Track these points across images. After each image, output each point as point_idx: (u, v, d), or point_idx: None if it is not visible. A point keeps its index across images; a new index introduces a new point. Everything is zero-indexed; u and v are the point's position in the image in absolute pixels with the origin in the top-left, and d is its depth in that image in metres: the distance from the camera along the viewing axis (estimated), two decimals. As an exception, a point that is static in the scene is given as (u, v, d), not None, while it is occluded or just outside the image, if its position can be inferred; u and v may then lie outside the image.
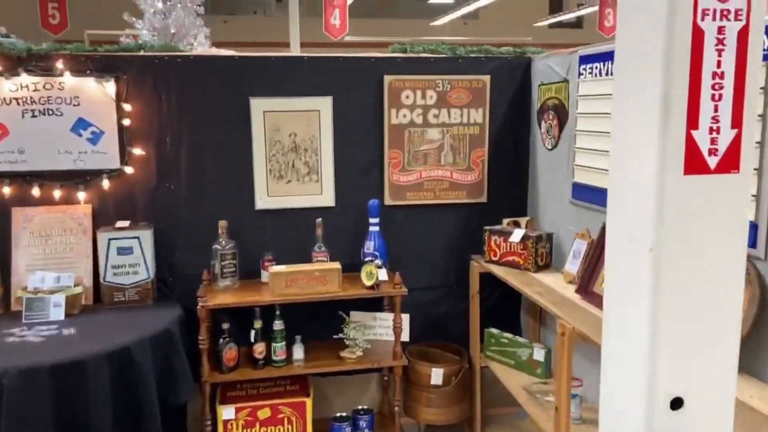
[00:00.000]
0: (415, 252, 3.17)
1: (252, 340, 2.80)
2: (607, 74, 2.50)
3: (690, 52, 0.85)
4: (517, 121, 3.21)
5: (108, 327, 2.49)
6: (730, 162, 0.89)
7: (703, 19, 0.85)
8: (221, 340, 2.75)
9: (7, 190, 2.72)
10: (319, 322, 2.99)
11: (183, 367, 2.54)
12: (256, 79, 2.92)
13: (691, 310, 0.91)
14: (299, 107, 2.97)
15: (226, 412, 2.77)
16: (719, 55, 0.87)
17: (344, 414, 3.00)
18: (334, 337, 2.99)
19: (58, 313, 2.55)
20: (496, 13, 12.01)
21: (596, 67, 2.55)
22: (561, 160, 2.89)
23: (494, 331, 3.08)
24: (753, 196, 1.69)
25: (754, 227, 1.69)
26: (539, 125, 3.10)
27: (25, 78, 2.66)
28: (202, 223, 2.93)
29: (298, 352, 2.86)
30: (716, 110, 0.88)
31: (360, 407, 3.05)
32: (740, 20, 0.86)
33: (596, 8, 6.54)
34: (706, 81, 0.87)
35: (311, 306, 2.85)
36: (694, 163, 0.88)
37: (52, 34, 2.83)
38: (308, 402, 2.87)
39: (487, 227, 3.03)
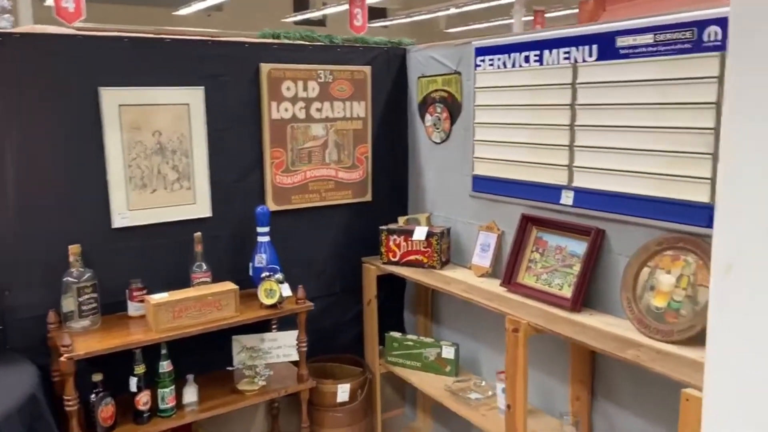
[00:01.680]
0: (302, 260, 2.88)
1: (134, 389, 2.25)
2: (505, 66, 2.49)
3: None
4: (396, 115, 3.09)
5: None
6: None
7: None
8: (93, 396, 2.17)
9: None
10: (206, 354, 2.54)
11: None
12: (107, 66, 2.35)
13: None
14: (164, 100, 2.47)
15: (107, 485, 2.20)
16: None
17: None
18: (228, 368, 2.57)
19: None
20: (240, 6, 11.94)
21: (497, 59, 2.53)
22: (454, 153, 2.83)
23: (396, 334, 2.93)
24: (707, 179, 1.79)
25: (710, 208, 1.78)
26: (422, 119, 3.01)
27: None
28: (40, 252, 2.29)
29: (191, 394, 2.39)
30: None
31: (266, 442, 2.68)
32: None
33: (346, 7, 6.63)
34: None
35: (199, 338, 2.39)
36: None
37: None
38: (208, 450, 2.42)
39: (383, 227, 2.87)
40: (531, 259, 2.40)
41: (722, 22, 1.69)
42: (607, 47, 2.04)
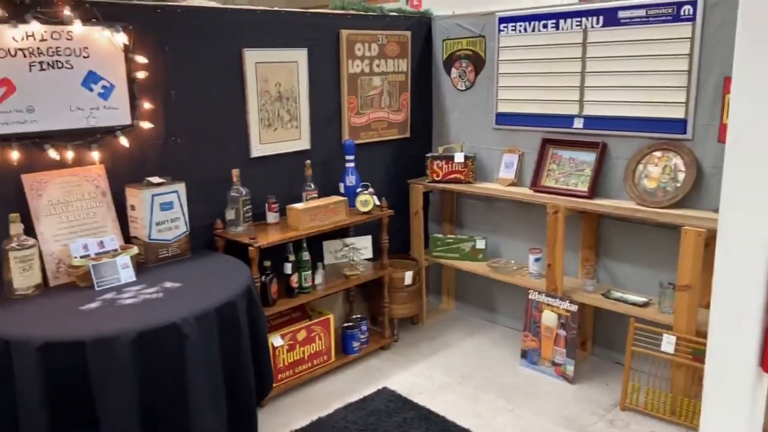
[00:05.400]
0: (366, 182, 3.73)
1: (288, 272, 3.07)
2: (525, 31, 3.47)
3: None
4: (426, 70, 3.99)
5: (195, 282, 2.49)
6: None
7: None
8: (264, 277, 2.97)
9: (15, 155, 2.41)
10: (316, 252, 3.38)
11: (262, 313, 2.62)
12: (246, 31, 3.07)
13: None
14: (282, 58, 3.22)
15: (276, 341, 3.03)
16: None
17: (349, 323, 3.48)
18: (327, 262, 3.44)
19: (128, 275, 2.47)
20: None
21: (518, 25, 3.49)
22: (478, 97, 3.79)
23: (439, 235, 3.90)
24: (683, 102, 2.89)
25: (684, 122, 2.89)
26: (448, 72, 3.94)
27: (33, 26, 2.37)
28: (206, 174, 3.01)
29: (320, 277, 3.24)
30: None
31: (355, 315, 3.57)
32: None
33: None
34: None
35: (318, 237, 3.23)
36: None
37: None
38: (332, 318, 3.29)
39: (428, 154, 3.80)
40: (550, 168, 3.44)
41: (694, 2, 2.77)
42: (611, 17, 3.07)
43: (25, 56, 2.38)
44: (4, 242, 2.29)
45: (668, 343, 2.73)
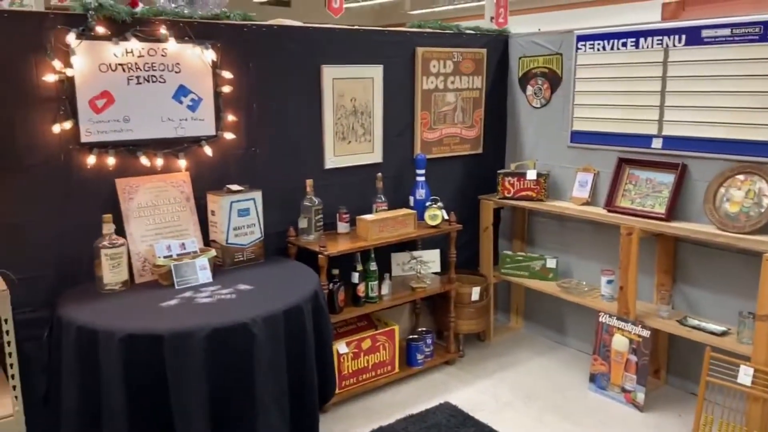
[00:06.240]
0: (436, 196, 3.77)
1: (356, 281, 3.16)
2: (604, 49, 3.42)
3: None
4: (501, 87, 4.00)
5: (266, 285, 2.61)
6: None
7: None
8: (332, 284, 3.06)
9: (111, 161, 2.62)
10: (383, 263, 3.45)
11: (327, 319, 2.69)
12: (326, 49, 3.20)
13: None
14: (358, 75, 3.34)
15: (341, 348, 3.11)
16: None
17: (414, 336, 3.52)
18: (395, 274, 3.50)
19: (205, 276, 2.62)
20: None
21: (597, 44, 3.45)
22: (553, 115, 3.76)
23: (509, 252, 3.88)
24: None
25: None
26: (523, 90, 3.93)
27: (132, 43, 2.58)
28: (282, 184, 3.14)
29: (386, 287, 3.31)
30: None
31: (421, 329, 3.61)
32: None
33: None
34: None
35: (386, 248, 3.29)
36: None
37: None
38: (397, 329, 3.34)
39: (500, 171, 3.79)
40: (625, 189, 3.36)
41: (782, 22, 2.66)
42: (694, 36, 2.99)
43: (124, 71, 2.60)
44: (97, 240, 2.49)
45: (745, 375, 2.60)
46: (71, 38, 2.44)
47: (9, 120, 2.39)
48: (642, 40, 3.22)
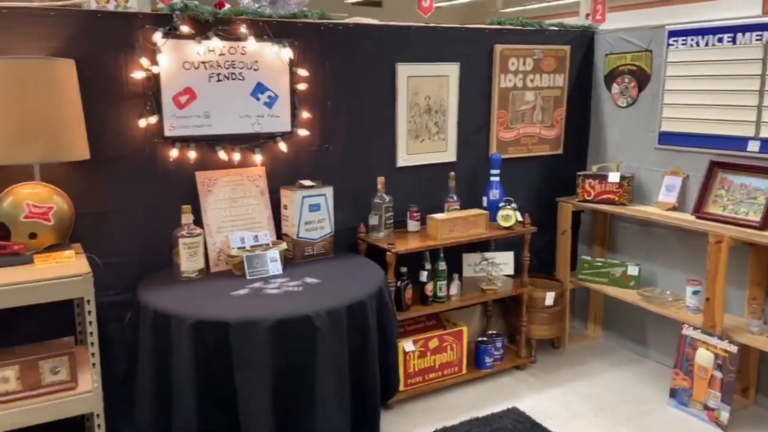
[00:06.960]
0: (511, 197, 3.68)
1: (424, 279, 3.14)
2: (698, 45, 3.21)
3: None
4: (584, 85, 3.84)
5: (333, 280, 2.63)
6: None
7: None
8: (400, 282, 3.06)
9: (192, 155, 2.75)
10: (454, 263, 3.40)
11: (393, 316, 2.71)
12: (400, 47, 3.20)
13: None
14: (433, 73, 3.31)
15: (407, 345, 3.10)
16: None
17: (484, 338, 3.46)
18: (465, 275, 3.44)
19: (275, 268, 2.70)
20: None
21: (690, 39, 3.24)
22: (640, 114, 3.57)
23: (587, 258, 3.73)
24: None
25: None
26: (608, 88, 3.76)
27: (214, 42, 2.70)
28: (353, 181, 3.17)
29: (455, 288, 3.27)
30: None
31: (492, 331, 3.54)
32: None
33: None
34: None
35: (457, 248, 3.25)
36: None
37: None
38: (465, 330, 3.29)
39: (580, 173, 3.65)
40: (717, 194, 3.14)
41: None
42: (798, 31, 2.74)
43: (206, 68, 2.72)
44: (176, 230, 2.62)
45: None
46: (158, 37, 2.58)
47: (101, 114, 2.55)
48: (740, 35, 3.00)
